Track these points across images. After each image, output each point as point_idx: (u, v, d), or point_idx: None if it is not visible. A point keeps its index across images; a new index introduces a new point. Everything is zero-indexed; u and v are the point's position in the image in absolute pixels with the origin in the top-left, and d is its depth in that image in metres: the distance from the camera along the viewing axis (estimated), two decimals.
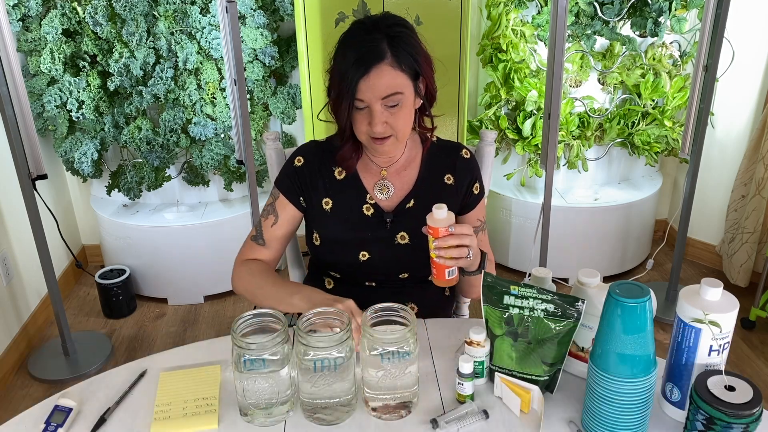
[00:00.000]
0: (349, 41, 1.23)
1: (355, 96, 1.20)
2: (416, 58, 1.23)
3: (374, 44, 1.19)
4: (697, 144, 2.43)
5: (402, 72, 1.21)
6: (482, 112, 2.85)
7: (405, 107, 1.24)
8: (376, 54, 1.19)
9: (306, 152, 1.40)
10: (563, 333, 1.04)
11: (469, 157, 1.41)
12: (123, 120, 2.63)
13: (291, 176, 1.39)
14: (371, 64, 1.18)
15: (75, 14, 2.51)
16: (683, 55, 2.78)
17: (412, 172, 1.38)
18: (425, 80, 1.27)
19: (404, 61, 1.21)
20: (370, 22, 1.23)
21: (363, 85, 1.19)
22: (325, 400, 1.02)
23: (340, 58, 1.23)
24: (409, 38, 1.23)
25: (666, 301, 2.73)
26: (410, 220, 1.35)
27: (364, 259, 1.35)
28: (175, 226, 2.73)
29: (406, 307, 1.04)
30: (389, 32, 1.20)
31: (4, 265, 2.44)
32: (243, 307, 2.83)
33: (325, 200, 1.37)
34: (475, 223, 1.41)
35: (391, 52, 1.19)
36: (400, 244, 1.35)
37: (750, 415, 0.88)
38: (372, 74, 1.18)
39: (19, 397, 2.31)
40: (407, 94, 1.23)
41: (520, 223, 2.92)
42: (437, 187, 1.38)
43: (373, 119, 1.22)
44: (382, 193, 1.37)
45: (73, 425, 1.05)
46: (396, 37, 1.21)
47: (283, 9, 2.61)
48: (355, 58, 1.19)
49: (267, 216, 1.40)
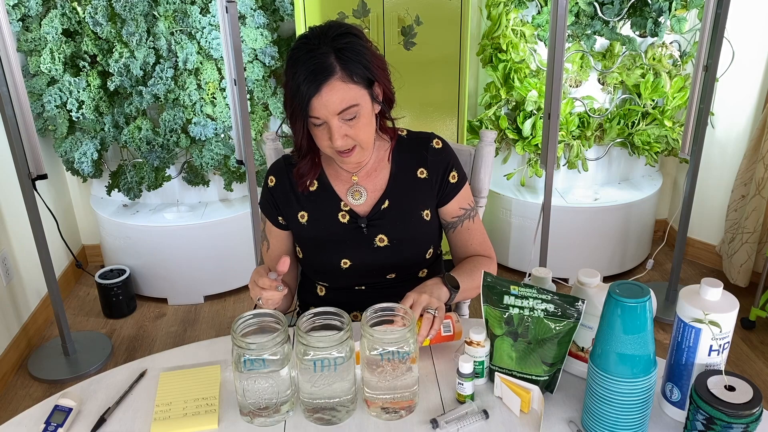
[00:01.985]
0: (296, 58, 1.18)
1: (309, 114, 1.18)
2: (367, 66, 1.18)
3: (321, 59, 1.15)
4: (697, 144, 2.43)
5: (354, 84, 1.17)
6: (482, 112, 2.85)
7: (363, 117, 1.20)
8: (324, 70, 1.14)
9: (276, 170, 1.38)
10: (563, 333, 1.04)
11: (440, 147, 1.38)
12: (123, 120, 2.63)
13: (267, 198, 1.39)
14: (321, 82, 1.14)
15: (75, 14, 2.51)
16: (683, 55, 2.78)
17: (383, 173, 1.36)
18: (380, 84, 1.23)
19: (355, 71, 1.17)
20: (314, 36, 1.18)
21: (316, 102, 1.15)
22: (325, 400, 1.02)
23: (290, 76, 1.18)
24: (357, 46, 1.18)
25: (666, 301, 2.73)
26: (387, 222, 1.34)
27: (346, 266, 1.35)
28: (175, 226, 2.73)
29: (407, 307, 1.04)
30: (335, 45, 1.16)
31: (4, 265, 2.44)
32: (243, 307, 2.83)
33: (300, 213, 1.36)
34: (457, 212, 1.38)
35: (340, 66, 1.15)
36: (379, 247, 1.34)
37: (750, 415, 0.88)
38: (324, 91, 1.14)
39: (19, 397, 2.31)
40: (363, 104, 1.19)
41: (520, 223, 2.92)
42: (410, 183, 1.35)
43: (333, 135, 1.19)
44: (355, 199, 1.35)
45: (73, 425, 1.05)
46: (343, 49, 1.16)
47: (283, 9, 2.61)
48: (304, 77, 1.15)
49: (263, 242, 1.42)
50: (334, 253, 1.34)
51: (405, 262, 1.36)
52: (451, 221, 1.39)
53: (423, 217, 1.36)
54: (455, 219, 1.39)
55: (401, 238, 1.33)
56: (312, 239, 1.36)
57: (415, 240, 1.36)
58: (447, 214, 1.39)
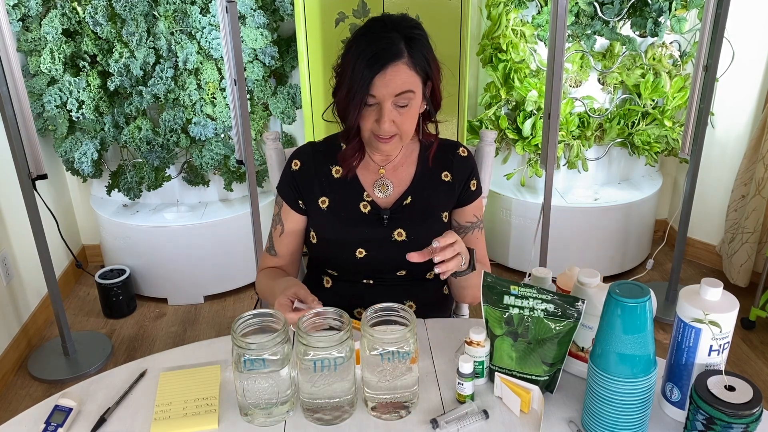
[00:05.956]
0: (366, 36, 1.23)
1: (369, 92, 1.20)
2: (429, 62, 1.25)
3: (392, 42, 1.20)
4: (697, 144, 2.43)
5: (416, 73, 1.22)
6: (482, 112, 2.85)
7: (413, 108, 1.25)
8: (393, 52, 1.19)
9: (302, 154, 1.40)
10: (563, 333, 1.04)
11: (466, 155, 1.42)
12: (123, 120, 2.63)
13: (289, 181, 1.39)
14: (389, 61, 1.19)
15: (75, 14, 2.51)
16: (683, 55, 2.78)
17: (409, 169, 1.38)
18: (433, 85, 1.28)
19: (419, 62, 1.22)
20: (389, 21, 1.24)
21: (379, 81, 1.19)
22: (325, 400, 1.02)
23: (354, 52, 1.21)
24: (425, 41, 1.25)
25: (666, 301, 2.73)
26: (407, 217, 1.35)
27: (361, 256, 1.35)
28: (175, 226, 2.73)
29: (406, 307, 1.04)
30: (407, 33, 1.22)
31: (4, 265, 2.44)
32: (243, 307, 2.83)
33: (321, 199, 1.37)
34: (470, 218, 1.41)
35: (408, 52, 1.20)
36: (396, 241, 1.35)
37: (750, 415, 0.88)
38: (389, 71, 1.19)
39: (19, 397, 2.31)
40: (417, 94, 1.24)
41: (520, 223, 2.92)
42: (434, 184, 1.38)
43: (383, 116, 1.22)
44: (381, 192, 1.37)
45: (73, 425, 1.05)
46: (413, 39, 1.22)
47: (283, 9, 2.61)
48: (372, 54, 1.19)
49: (275, 226, 1.42)
50: (351, 241, 1.35)
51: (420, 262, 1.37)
52: (465, 225, 1.41)
53: (442, 218, 1.38)
54: (468, 224, 1.41)
55: (419, 235, 1.34)
56: (330, 225, 1.36)
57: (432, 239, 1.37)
58: (461, 217, 1.41)
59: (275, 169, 1.55)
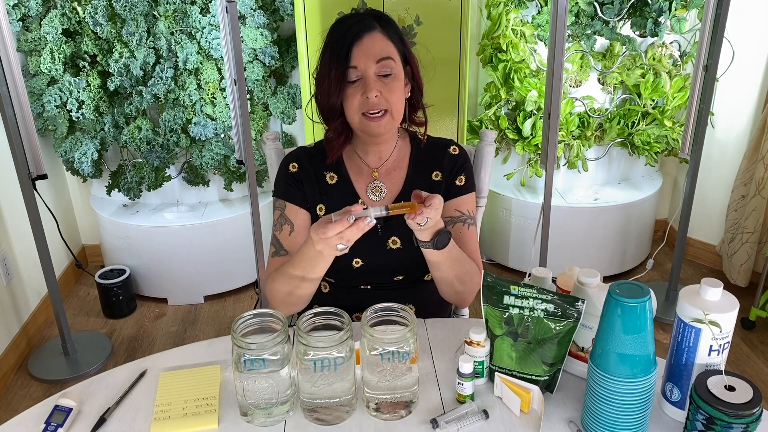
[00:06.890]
0: (337, 24, 1.28)
1: (349, 64, 1.22)
2: (403, 42, 1.29)
3: (363, 19, 1.26)
4: (697, 144, 2.43)
5: (392, 42, 1.26)
6: (482, 112, 2.85)
7: (397, 80, 1.26)
8: (367, 24, 1.25)
9: (298, 158, 1.38)
10: (563, 333, 1.04)
11: (457, 153, 1.40)
12: (123, 120, 2.63)
13: (290, 182, 1.37)
14: (363, 31, 1.23)
15: (75, 14, 2.51)
16: (683, 55, 2.78)
17: (401, 173, 1.38)
18: (412, 69, 1.31)
19: (393, 37, 1.27)
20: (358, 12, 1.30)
21: (357, 50, 1.22)
22: (325, 400, 1.02)
23: (329, 37, 1.27)
24: (396, 27, 1.29)
25: (666, 301, 2.73)
26: (401, 224, 1.31)
27: (358, 265, 1.35)
28: (175, 226, 2.73)
29: (406, 307, 1.04)
30: (377, 14, 1.28)
31: (4, 265, 2.44)
32: (243, 307, 2.83)
33: (318, 206, 1.36)
34: (452, 213, 1.37)
35: (380, 27, 1.26)
36: (392, 249, 1.34)
37: (750, 415, 0.88)
38: (365, 38, 1.23)
39: (19, 397, 2.31)
40: (398, 64, 1.26)
41: (520, 223, 2.92)
42: (425, 186, 1.34)
43: (368, 86, 1.22)
44: (375, 195, 1.36)
45: (73, 425, 1.05)
46: (383, 18, 1.28)
47: (283, 9, 2.61)
48: (348, 27, 1.24)
49: (281, 228, 1.36)
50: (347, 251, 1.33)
51: (415, 266, 1.36)
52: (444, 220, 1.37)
53: None
54: (447, 219, 1.38)
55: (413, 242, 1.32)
56: None
57: None
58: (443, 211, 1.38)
59: (275, 169, 1.54)
